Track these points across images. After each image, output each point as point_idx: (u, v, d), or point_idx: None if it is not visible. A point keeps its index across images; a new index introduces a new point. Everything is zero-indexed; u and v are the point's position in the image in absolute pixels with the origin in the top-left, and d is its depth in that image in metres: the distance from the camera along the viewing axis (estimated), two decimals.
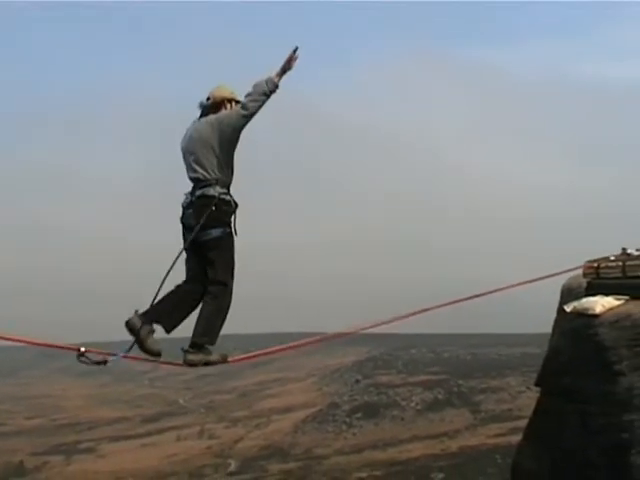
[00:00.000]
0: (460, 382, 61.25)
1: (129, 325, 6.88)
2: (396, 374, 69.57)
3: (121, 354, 7.02)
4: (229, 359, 7.53)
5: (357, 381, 68.77)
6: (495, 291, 10.45)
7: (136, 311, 6.94)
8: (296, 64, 7.14)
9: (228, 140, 7.12)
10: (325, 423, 57.06)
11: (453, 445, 47.06)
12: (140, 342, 6.86)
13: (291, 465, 48.38)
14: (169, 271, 7.04)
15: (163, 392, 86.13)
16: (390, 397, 60.33)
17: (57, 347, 7.65)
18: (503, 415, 51.74)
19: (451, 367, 69.80)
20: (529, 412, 11.93)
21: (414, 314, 9.60)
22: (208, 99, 7.39)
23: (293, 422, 59.45)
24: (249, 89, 7.10)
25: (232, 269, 7.30)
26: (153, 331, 6.95)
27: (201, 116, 7.41)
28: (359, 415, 57.15)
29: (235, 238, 7.28)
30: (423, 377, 66.10)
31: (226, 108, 7.32)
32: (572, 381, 9.98)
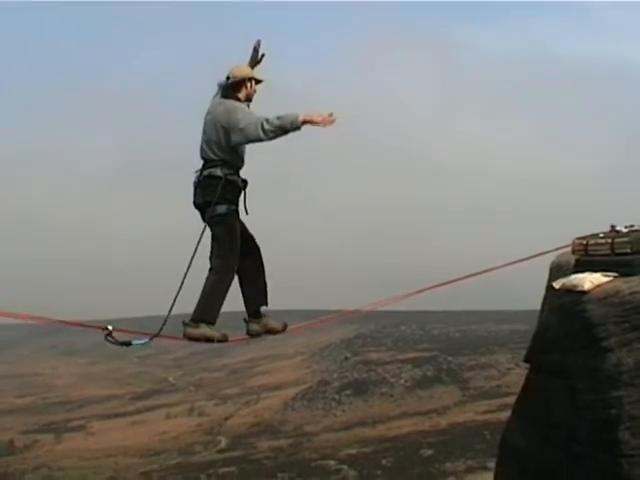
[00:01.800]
0: (449, 359, 61.44)
1: (187, 337, 7.48)
2: (385, 351, 69.72)
3: (147, 338, 7.34)
4: (230, 338, 7.73)
5: (346, 358, 68.91)
6: (486, 271, 10.53)
7: (184, 321, 7.45)
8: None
9: (233, 138, 7.21)
10: (315, 400, 57.19)
11: (442, 422, 47.23)
12: (205, 340, 7.44)
13: (281, 442, 48.53)
14: (195, 253, 7.39)
15: (153, 370, 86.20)
16: (379, 374, 60.46)
17: (84, 326, 7.87)
18: (492, 392, 51.95)
19: (440, 344, 70.01)
20: (518, 389, 11.98)
21: (420, 292, 9.82)
22: (228, 78, 7.43)
23: (283, 399, 59.58)
24: (277, 117, 7.06)
25: (235, 245, 7.42)
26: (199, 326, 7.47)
27: (222, 96, 7.46)
28: (348, 392, 57.28)
29: (245, 217, 7.54)
30: (412, 354, 66.25)
31: (246, 87, 7.44)
32: (560, 357, 10.03)
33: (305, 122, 7.05)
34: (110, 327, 6.76)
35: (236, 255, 7.46)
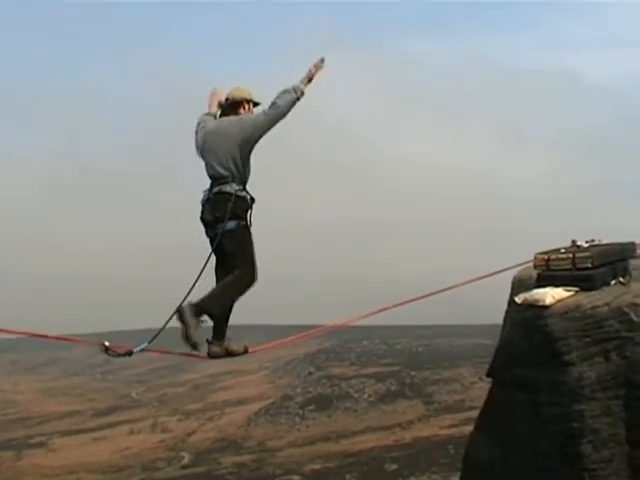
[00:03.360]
0: (413, 373, 61.44)
1: (179, 312, 7.37)
2: (349, 366, 69.61)
3: (146, 343, 7.56)
4: (250, 350, 8.25)
5: (310, 373, 68.73)
6: (448, 289, 10.66)
7: (189, 301, 7.45)
8: (322, 73, 7.79)
9: (248, 141, 7.59)
10: (278, 415, 56.98)
11: (406, 436, 47.23)
12: (186, 329, 7.34)
13: (244, 457, 48.26)
14: (205, 266, 7.73)
15: (115, 386, 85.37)
16: (343, 389, 60.39)
17: (76, 341, 8.38)
18: (455, 406, 52.01)
19: (404, 358, 70.00)
20: (481, 403, 12.05)
21: (384, 310, 9.99)
22: (227, 100, 7.89)
23: (246, 415, 59.31)
24: (276, 94, 7.60)
25: (251, 258, 7.76)
26: (199, 322, 7.49)
27: (221, 116, 7.91)
28: (312, 407, 57.13)
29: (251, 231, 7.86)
30: (376, 369, 66.19)
31: (244, 109, 7.88)
32: (523, 372, 10.13)
33: (307, 82, 7.65)
34: (107, 343, 7.12)
35: (252, 266, 7.75)
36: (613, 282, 10.43)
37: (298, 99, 7.61)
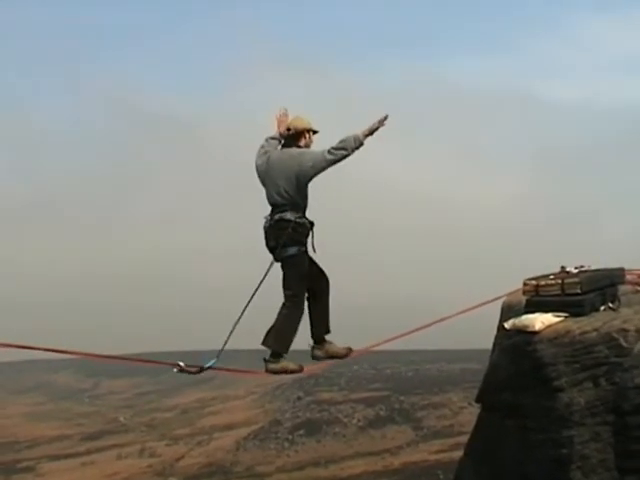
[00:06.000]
0: (402, 398, 61.29)
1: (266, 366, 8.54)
2: (338, 391, 69.37)
3: (214, 360, 8.19)
4: (305, 368, 8.87)
5: (299, 398, 68.47)
6: (440, 321, 10.73)
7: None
8: (382, 129, 8.07)
9: (305, 176, 8.08)
10: (267, 440, 56.69)
11: (395, 461, 47.06)
12: (280, 373, 8.67)
13: None
14: (256, 289, 8.30)
15: (103, 410, 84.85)
16: (332, 414, 60.16)
17: (156, 363, 9.33)
18: (445, 431, 51.87)
19: (393, 383, 69.83)
20: (470, 428, 12.03)
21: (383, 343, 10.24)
22: (289, 130, 8.30)
23: (235, 440, 58.96)
24: (339, 140, 7.96)
25: (303, 283, 8.30)
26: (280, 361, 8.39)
27: (283, 146, 8.36)
28: (301, 432, 56.88)
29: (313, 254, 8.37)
30: (365, 394, 65.99)
31: (305, 138, 8.35)
32: (512, 397, 10.12)
33: (368, 135, 7.99)
34: (181, 364, 7.86)
35: (303, 292, 8.32)
36: (602, 308, 10.44)
37: (357, 149, 7.97)
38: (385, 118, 8.06)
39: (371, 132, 8.04)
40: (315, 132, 8.46)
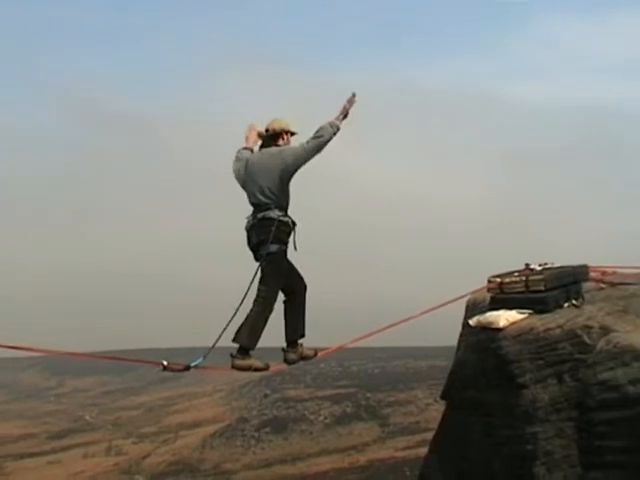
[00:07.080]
0: (368, 395, 61.33)
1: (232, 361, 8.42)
2: (304, 388, 69.31)
3: (201, 359, 8.36)
4: (271, 367, 8.90)
5: (265, 395, 68.35)
6: (407, 320, 10.76)
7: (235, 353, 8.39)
8: (353, 108, 8.26)
9: (288, 171, 8.19)
10: (234, 438, 56.58)
11: (362, 458, 47.10)
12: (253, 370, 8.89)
13: None
14: (247, 291, 8.28)
15: (69, 408, 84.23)
16: (298, 411, 60.09)
17: (140, 362, 9.38)
18: (411, 428, 51.98)
19: (359, 380, 69.89)
20: (436, 424, 12.06)
21: (355, 340, 10.29)
22: (267, 131, 8.48)
23: (201, 437, 58.76)
24: (315, 130, 8.13)
25: (277, 282, 8.37)
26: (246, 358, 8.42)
27: (261, 147, 8.52)
28: (268, 429, 56.78)
29: (295, 252, 8.45)
30: (331, 391, 65.97)
31: (283, 139, 8.47)
32: (477, 394, 10.16)
33: (342, 117, 8.17)
34: (165, 362, 7.96)
35: (277, 291, 8.41)
36: (566, 305, 10.50)
37: (335, 134, 8.12)
38: (353, 96, 8.20)
39: (344, 114, 8.21)
40: (293, 134, 8.56)
